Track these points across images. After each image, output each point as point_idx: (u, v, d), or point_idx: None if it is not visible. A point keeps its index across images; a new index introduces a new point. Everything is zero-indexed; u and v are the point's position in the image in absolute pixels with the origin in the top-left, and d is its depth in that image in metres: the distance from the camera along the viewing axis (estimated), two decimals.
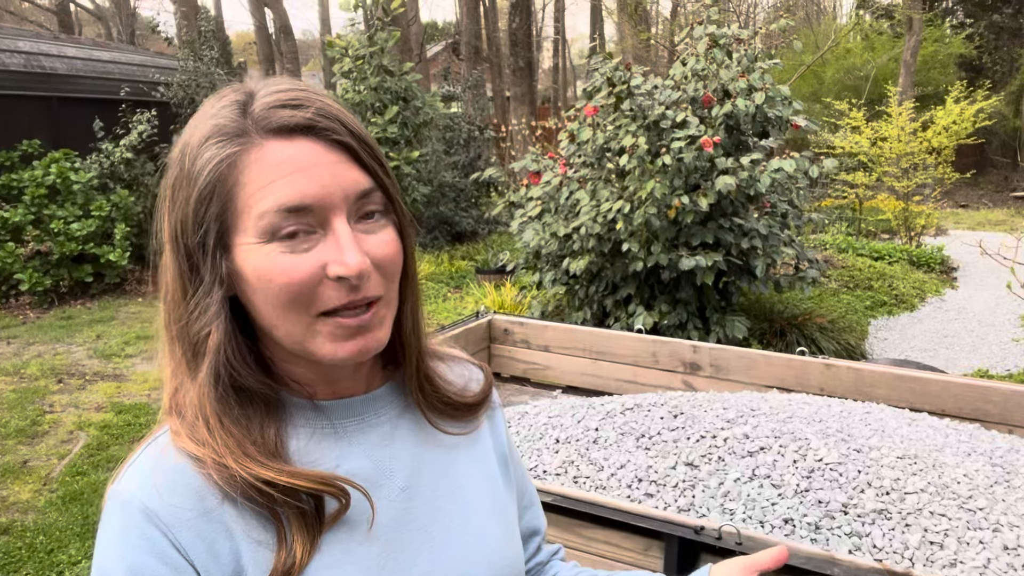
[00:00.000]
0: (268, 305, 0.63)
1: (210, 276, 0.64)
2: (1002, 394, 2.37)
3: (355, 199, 0.64)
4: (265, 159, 0.62)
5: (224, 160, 0.63)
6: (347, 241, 0.62)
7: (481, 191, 10.25)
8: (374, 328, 0.66)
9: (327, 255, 0.62)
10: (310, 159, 0.63)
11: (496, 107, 16.11)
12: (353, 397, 0.73)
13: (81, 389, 5.03)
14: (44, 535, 3.19)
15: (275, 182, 0.62)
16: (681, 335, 4.58)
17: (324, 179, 0.62)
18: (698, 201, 4.26)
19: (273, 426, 0.66)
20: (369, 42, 7.52)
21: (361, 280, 0.63)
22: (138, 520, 0.61)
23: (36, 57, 8.57)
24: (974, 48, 16.67)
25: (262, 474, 0.62)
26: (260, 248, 0.62)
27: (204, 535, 0.62)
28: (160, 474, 0.63)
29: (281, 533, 0.63)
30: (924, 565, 1.61)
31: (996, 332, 5.97)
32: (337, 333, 0.64)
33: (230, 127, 0.64)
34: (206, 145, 0.64)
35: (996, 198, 15.14)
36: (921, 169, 9.15)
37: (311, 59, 41.24)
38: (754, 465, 1.94)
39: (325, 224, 0.63)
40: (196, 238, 0.64)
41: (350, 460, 0.69)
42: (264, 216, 0.61)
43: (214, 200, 0.63)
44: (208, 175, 0.63)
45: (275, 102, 0.64)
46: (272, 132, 0.63)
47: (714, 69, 4.73)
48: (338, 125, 0.65)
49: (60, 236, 7.07)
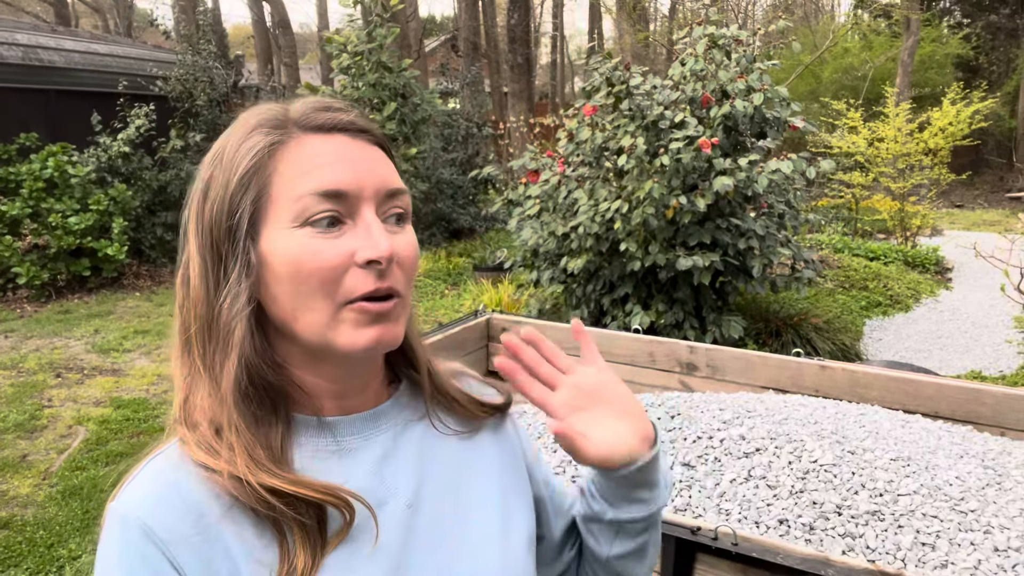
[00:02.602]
0: (293, 292, 0.64)
1: (240, 264, 0.65)
2: (995, 397, 2.40)
3: (385, 195, 0.68)
4: (305, 149, 0.66)
5: (265, 147, 0.66)
6: (378, 228, 0.65)
7: (479, 188, 10.26)
8: (393, 320, 0.67)
9: (357, 242, 0.65)
10: (348, 152, 0.67)
11: (494, 103, 16.11)
12: (358, 413, 0.72)
13: (79, 384, 5.04)
14: (44, 529, 3.21)
15: (314, 169, 0.65)
16: (677, 334, 4.61)
17: (360, 170, 0.66)
18: (696, 201, 4.28)
19: (280, 435, 0.66)
20: (368, 38, 7.52)
21: (388, 267, 0.65)
22: (136, 537, 0.61)
23: (34, 50, 8.55)
24: (971, 48, 16.72)
25: (268, 481, 0.62)
26: (292, 232, 0.64)
27: (202, 554, 0.61)
28: (160, 491, 0.63)
29: (284, 548, 0.62)
30: (916, 566, 1.64)
31: (990, 333, 6.01)
32: (360, 319, 0.65)
33: (272, 122, 0.68)
34: (248, 136, 0.67)
35: (991, 198, 15.21)
36: (917, 170, 9.19)
37: (308, 52, 41.12)
38: (750, 466, 1.96)
39: (355, 214, 0.66)
40: (228, 225, 0.65)
41: (355, 479, 0.69)
42: (301, 199, 0.64)
43: (252, 186, 0.65)
44: (248, 162, 0.66)
45: (315, 107, 0.69)
46: (312, 129, 0.67)
47: (713, 70, 4.75)
48: (371, 128, 0.71)
49: (58, 230, 7.06)
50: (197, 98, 9.26)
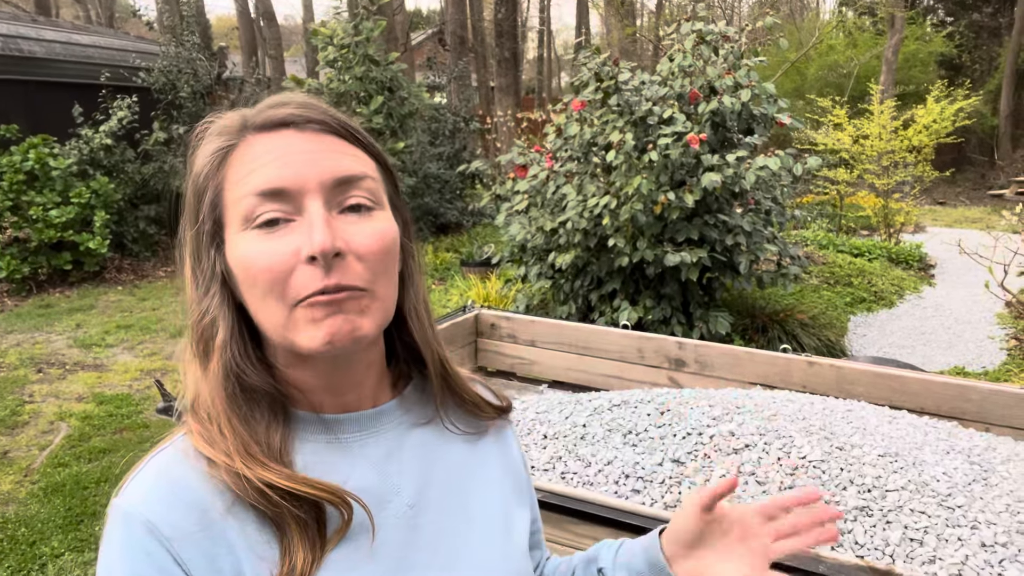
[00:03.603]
0: (252, 295, 0.64)
1: (210, 269, 0.66)
2: (980, 393, 2.42)
3: (332, 185, 0.65)
4: (250, 151, 0.66)
5: (216, 153, 0.67)
6: (317, 221, 0.62)
7: (466, 183, 10.23)
8: (351, 312, 0.63)
9: (301, 239, 0.63)
10: (287, 147, 0.65)
11: (481, 97, 16.06)
12: (360, 411, 0.72)
13: (61, 379, 4.98)
14: (26, 527, 3.17)
15: (254, 170, 0.64)
16: (665, 330, 4.62)
17: (299, 165, 0.64)
18: (684, 197, 4.29)
19: (279, 432, 0.66)
20: (354, 31, 7.46)
21: (331, 261, 0.62)
22: (140, 534, 0.61)
23: (14, 40, 8.42)
24: (955, 47, 16.87)
25: (264, 476, 0.62)
26: (243, 236, 0.64)
27: (206, 550, 0.61)
28: (163, 487, 0.63)
29: (284, 545, 0.62)
30: (904, 561, 1.66)
31: (972, 329, 6.08)
32: (312, 316, 0.62)
33: (229, 127, 0.68)
34: (205, 142, 0.68)
35: (973, 195, 15.37)
36: (901, 167, 9.26)
37: (294, 44, 40.79)
38: (739, 462, 1.97)
39: (301, 210, 0.64)
40: (196, 232, 0.67)
41: (357, 476, 0.69)
42: (242, 201, 0.64)
43: (207, 192, 0.66)
44: (202, 168, 0.67)
45: (265, 105, 0.69)
46: (258, 128, 0.67)
47: (701, 66, 4.75)
48: (323, 118, 0.67)
49: (39, 223, 6.97)
50: (180, 90, 9.15)
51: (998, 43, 17.38)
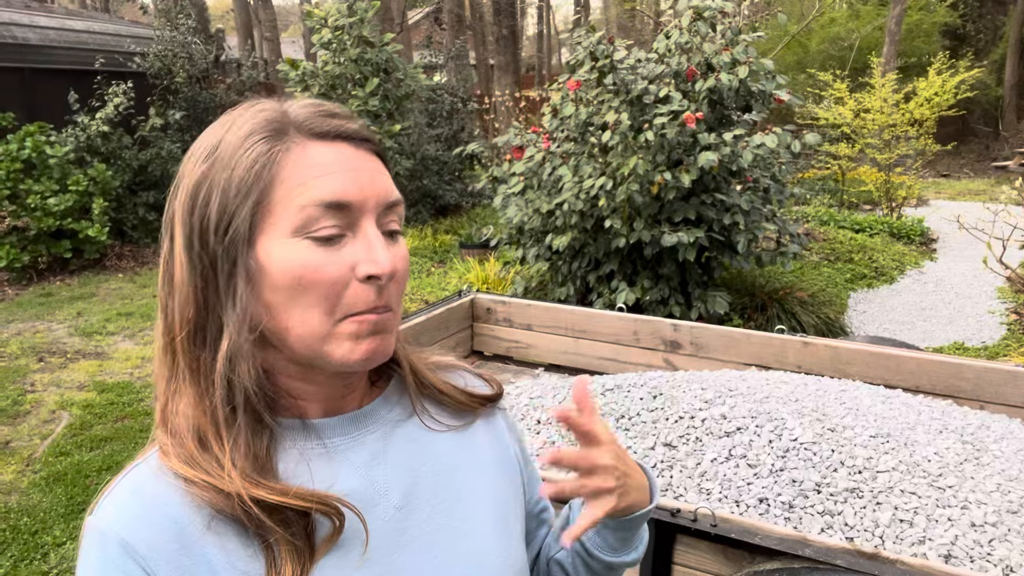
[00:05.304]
0: (290, 303, 0.62)
1: (239, 271, 0.63)
2: (975, 371, 2.41)
3: (385, 207, 0.67)
4: (308, 158, 0.64)
5: (267, 154, 0.63)
6: (379, 243, 0.65)
7: (465, 164, 10.17)
8: (388, 333, 0.67)
9: (357, 255, 0.64)
10: (352, 162, 0.65)
11: (480, 76, 15.93)
12: (343, 414, 0.71)
13: (63, 367, 5.00)
14: (28, 516, 3.20)
15: (318, 178, 0.63)
16: (663, 311, 4.61)
17: (363, 181, 0.65)
18: (680, 177, 4.26)
19: (264, 442, 0.65)
20: (348, 12, 7.39)
21: (389, 282, 0.65)
22: (116, 554, 0.60)
23: (7, 27, 8.36)
24: (959, 16, 16.64)
25: (255, 493, 0.60)
26: (292, 242, 0.62)
27: (184, 568, 0.60)
28: (139, 505, 0.62)
29: (270, 558, 0.61)
30: (893, 543, 1.66)
31: (973, 304, 6.06)
32: (360, 331, 0.64)
33: (272, 126, 0.65)
34: (248, 140, 0.64)
35: (977, 167, 15.24)
36: (903, 141, 9.18)
37: (291, 25, 40.47)
38: (731, 445, 1.97)
39: (355, 227, 0.64)
40: (225, 229, 0.63)
41: (342, 481, 0.68)
42: (304, 209, 0.62)
43: (252, 191, 0.63)
44: (249, 165, 0.63)
45: (318, 112, 0.67)
46: (315, 135, 0.65)
47: (698, 42, 4.70)
48: (372, 138, 0.69)
49: (37, 211, 6.97)
50: (176, 75, 9.10)
51: (1003, 12, 17.13)
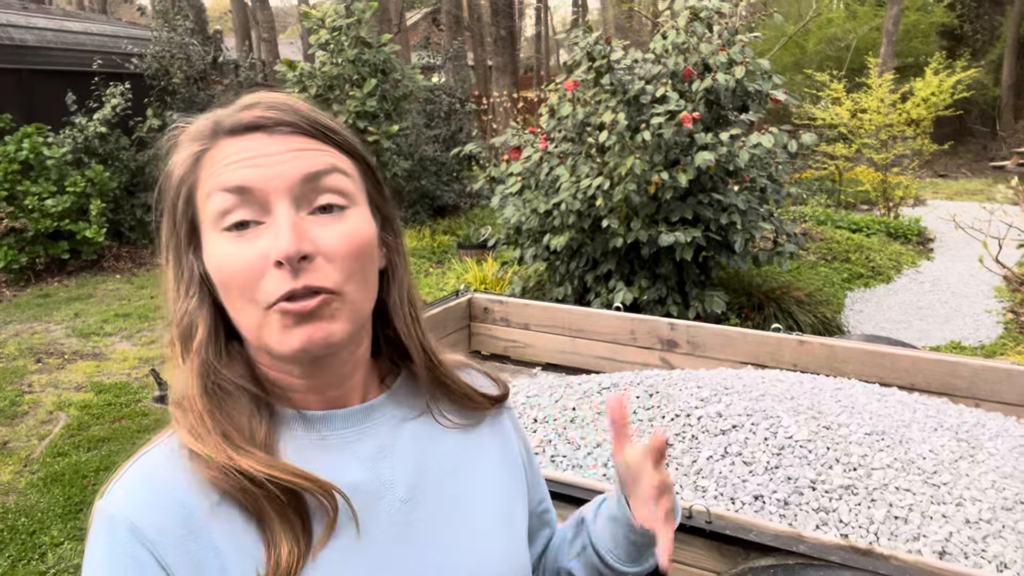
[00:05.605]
0: (227, 298, 0.65)
1: (188, 270, 0.67)
2: (970, 369, 2.42)
3: (299, 185, 0.64)
4: (219, 153, 0.66)
5: (190, 158, 0.67)
6: (284, 224, 0.62)
7: (462, 164, 10.18)
8: (323, 318, 0.63)
9: (269, 243, 0.63)
10: (256, 151, 0.65)
11: (478, 77, 15.94)
12: (347, 408, 0.72)
13: (60, 368, 5.00)
14: (26, 517, 3.20)
15: (223, 172, 0.65)
16: (661, 310, 4.62)
17: (265, 167, 0.64)
18: (677, 177, 4.27)
19: (263, 427, 0.66)
20: (346, 13, 7.39)
21: (297, 264, 0.62)
22: (124, 538, 0.61)
23: (4, 28, 8.35)
24: (956, 17, 16.67)
25: (241, 463, 0.61)
26: (215, 238, 0.65)
27: (192, 553, 0.61)
28: (149, 490, 0.63)
29: (268, 538, 0.62)
30: (888, 539, 1.67)
31: (970, 303, 6.07)
32: (284, 321, 0.63)
33: (203, 133, 0.68)
34: (180, 145, 0.69)
35: (974, 167, 15.27)
36: (900, 141, 9.20)
37: (289, 26, 40.45)
38: (726, 443, 1.98)
39: (269, 212, 0.64)
40: (175, 233, 0.68)
41: (345, 473, 0.68)
42: (210, 197, 0.64)
43: (182, 195, 0.67)
44: (177, 172, 0.68)
45: (236, 109, 0.68)
46: (228, 132, 0.67)
47: (695, 43, 4.70)
48: (293, 119, 0.67)
49: (35, 212, 6.96)
50: (174, 76, 9.09)
51: (1000, 12, 17.16)
